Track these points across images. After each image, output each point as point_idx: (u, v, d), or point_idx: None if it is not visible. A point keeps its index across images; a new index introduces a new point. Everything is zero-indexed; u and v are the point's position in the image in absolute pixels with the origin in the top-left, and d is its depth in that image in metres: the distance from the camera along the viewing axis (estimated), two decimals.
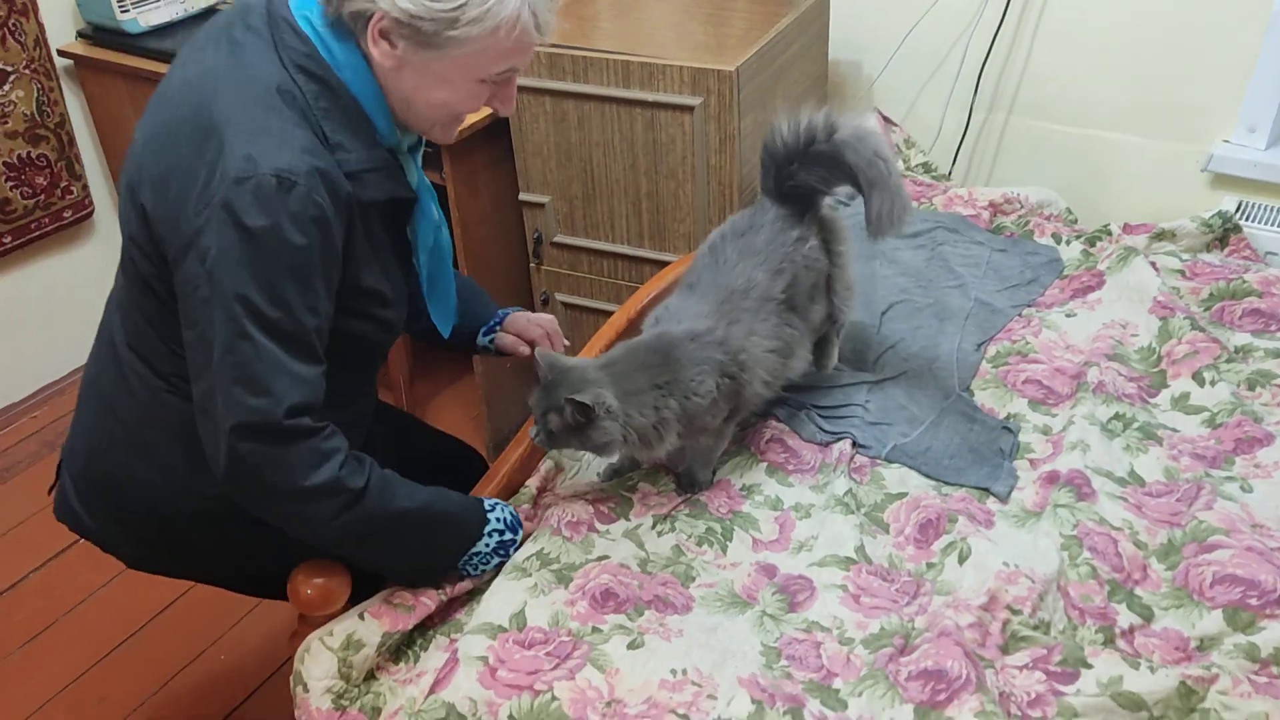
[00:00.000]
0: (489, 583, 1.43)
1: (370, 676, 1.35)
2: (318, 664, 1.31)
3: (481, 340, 1.69)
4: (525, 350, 1.64)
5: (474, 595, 1.43)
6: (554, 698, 1.24)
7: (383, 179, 1.29)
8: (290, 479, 1.19)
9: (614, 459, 1.62)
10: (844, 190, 1.70)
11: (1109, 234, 2.11)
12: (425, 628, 1.40)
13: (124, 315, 1.36)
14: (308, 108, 1.22)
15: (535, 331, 1.69)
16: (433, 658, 1.35)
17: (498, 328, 1.70)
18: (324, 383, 1.22)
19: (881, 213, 1.57)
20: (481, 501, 1.45)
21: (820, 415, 1.74)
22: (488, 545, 1.41)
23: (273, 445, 1.18)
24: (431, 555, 1.38)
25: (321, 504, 1.22)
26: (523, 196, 2.31)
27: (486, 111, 2.25)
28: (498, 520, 1.43)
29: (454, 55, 1.23)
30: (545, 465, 1.65)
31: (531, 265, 2.40)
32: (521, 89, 2.14)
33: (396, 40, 1.22)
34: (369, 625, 1.33)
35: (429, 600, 1.38)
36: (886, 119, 2.45)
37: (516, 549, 1.45)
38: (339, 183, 1.21)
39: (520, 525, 1.47)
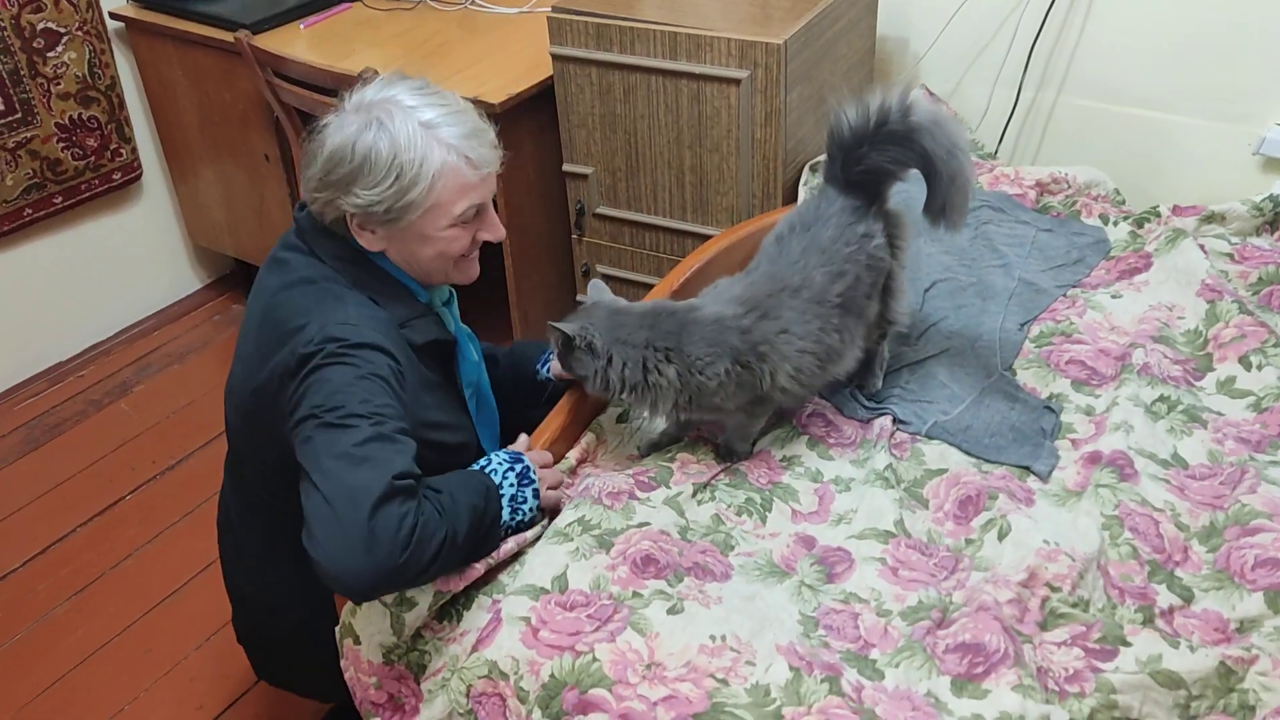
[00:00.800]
0: (531, 544, 1.45)
1: (416, 635, 1.37)
2: (369, 619, 1.35)
3: (541, 373, 1.78)
4: None
5: (516, 557, 1.44)
6: (595, 659, 1.26)
7: (427, 325, 1.51)
8: (404, 537, 1.22)
9: (595, 391, 1.60)
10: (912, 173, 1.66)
11: (1157, 215, 2.09)
12: (468, 588, 1.43)
13: (259, 544, 1.58)
14: (354, 284, 1.44)
15: None
16: (476, 617, 1.37)
17: (550, 357, 1.75)
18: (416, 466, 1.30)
19: (950, 206, 1.55)
20: (476, 465, 1.47)
21: (862, 391, 1.74)
22: (511, 485, 1.43)
23: (401, 503, 1.23)
24: (490, 528, 1.40)
25: (428, 547, 1.25)
26: (566, 167, 2.31)
27: (532, 80, 2.28)
28: (498, 462, 1.45)
29: (414, 218, 1.42)
30: (586, 438, 1.67)
31: (573, 237, 2.41)
32: (567, 59, 2.15)
33: (372, 226, 1.43)
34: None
35: (478, 564, 1.40)
36: (933, 95, 2.43)
37: (534, 472, 1.47)
38: (395, 330, 1.44)
39: (520, 453, 1.49)
